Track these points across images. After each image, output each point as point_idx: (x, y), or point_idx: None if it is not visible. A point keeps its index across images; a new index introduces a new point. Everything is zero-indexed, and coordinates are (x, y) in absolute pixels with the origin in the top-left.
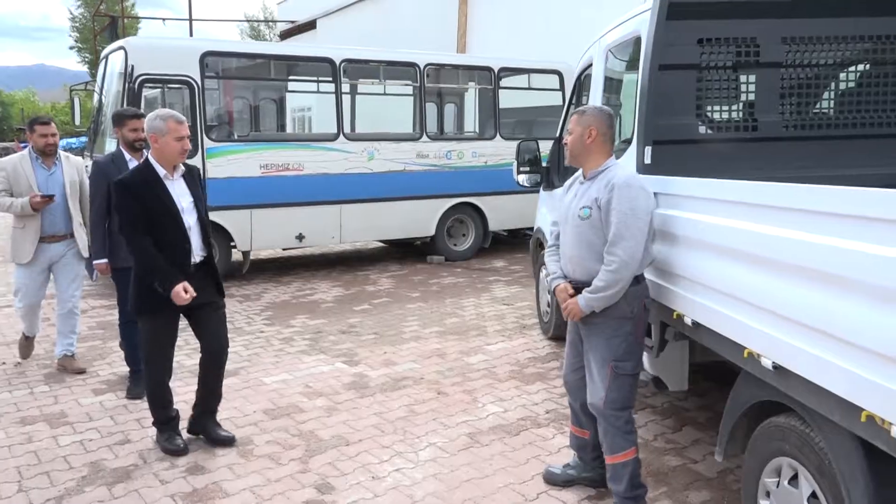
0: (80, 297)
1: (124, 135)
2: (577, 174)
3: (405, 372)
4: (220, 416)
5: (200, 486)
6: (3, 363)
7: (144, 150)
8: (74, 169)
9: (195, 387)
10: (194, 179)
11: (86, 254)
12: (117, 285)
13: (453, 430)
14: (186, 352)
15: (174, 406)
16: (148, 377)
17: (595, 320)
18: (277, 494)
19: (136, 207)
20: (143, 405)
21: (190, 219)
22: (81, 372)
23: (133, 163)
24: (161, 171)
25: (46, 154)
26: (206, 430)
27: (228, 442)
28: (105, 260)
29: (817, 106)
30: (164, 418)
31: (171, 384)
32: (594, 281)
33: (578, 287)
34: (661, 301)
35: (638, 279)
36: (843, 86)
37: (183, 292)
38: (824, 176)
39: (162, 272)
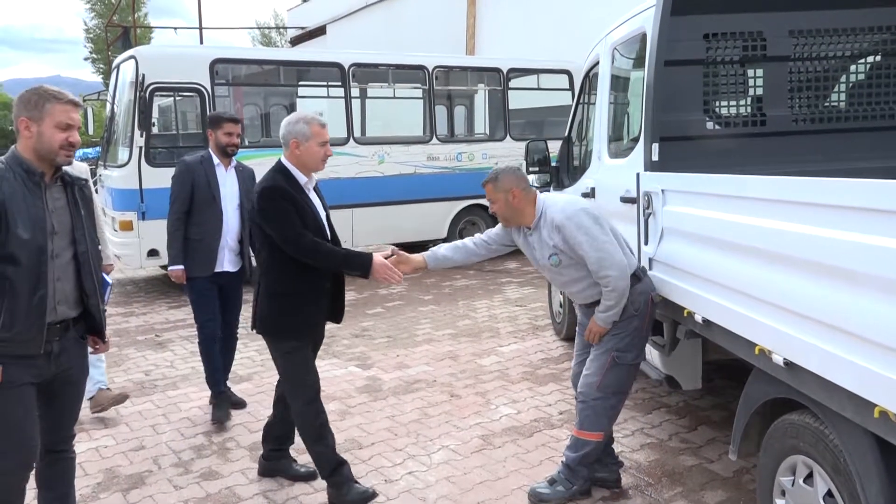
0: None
1: (219, 138)
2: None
3: (418, 375)
4: (235, 420)
5: (214, 491)
6: None
7: (233, 158)
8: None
9: (210, 392)
10: (318, 191)
11: (108, 269)
12: (192, 296)
13: (466, 432)
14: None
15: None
16: (303, 410)
17: None
18: (291, 499)
19: (296, 214)
20: (157, 411)
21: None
22: (124, 399)
23: (220, 168)
24: (302, 179)
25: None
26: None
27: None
28: (181, 266)
29: (827, 99)
30: (335, 461)
31: (188, 389)
32: (602, 302)
33: (587, 304)
34: (671, 299)
35: (638, 277)
36: (853, 78)
37: (387, 264)
38: (835, 169)
39: (354, 257)
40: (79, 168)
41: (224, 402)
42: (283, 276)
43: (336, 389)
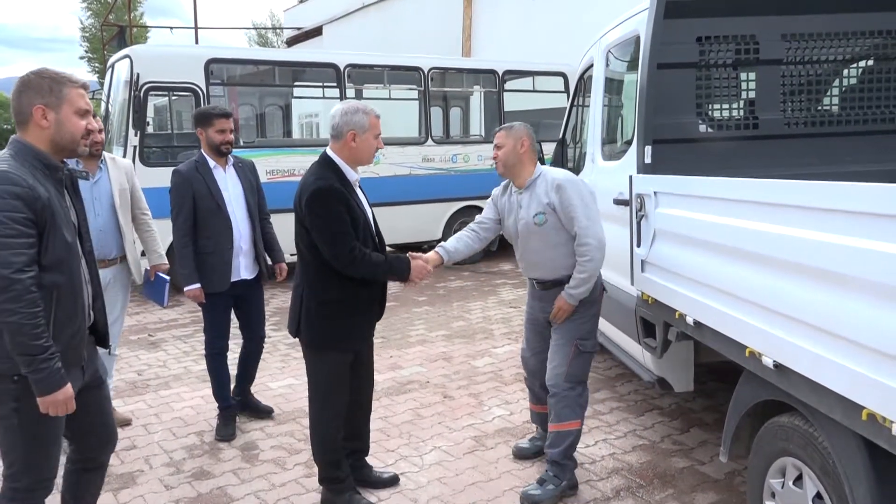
0: (119, 334)
1: (210, 136)
2: (509, 184)
3: (411, 376)
4: None
5: (206, 491)
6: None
7: (230, 157)
8: (123, 174)
9: (203, 392)
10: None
11: (139, 279)
12: (205, 312)
13: (458, 433)
14: (194, 357)
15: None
16: (324, 424)
17: None
18: (282, 499)
19: (349, 222)
20: (149, 411)
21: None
22: (126, 424)
23: (218, 170)
24: (352, 176)
25: (91, 156)
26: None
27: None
28: (198, 285)
29: (820, 103)
30: (340, 477)
31: (180, 389)
32: (575, 274)
33: (546, 283)
34: (662, 301)
35: None
36: (846, 82)
37: (421, 263)
38: (828, 173)
39: (396, 263)
40: (122, 164)
41: (230, 419)
42: (334, 280)
43: None
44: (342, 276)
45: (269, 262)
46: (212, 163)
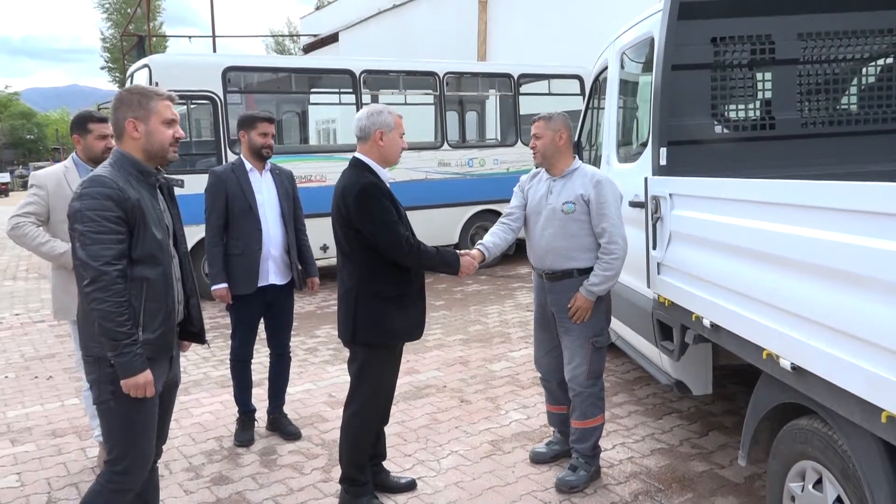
0: None
1: (253, 139)
2: (539, 172)
3: (428, 380)
4: None
5: (224, 496)
6: (36, 377)
7: (268, 161)
8: None
9: (223, 397)
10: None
11: None
12: (233, 316)
13: (476, 437)
14: (213, 363)
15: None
16: (361, 426)
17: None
18: None
19: (394, 209)
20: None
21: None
22: None
23: (254, 173)
24: (385, 175)
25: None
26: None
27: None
28: (224, 285)
29: (838, 102)
30: (361, 480)
31: (199, 395)
32: (599, 271)
33: (555, 274)
34: (679, 303)
35: None
36: (865, 80)
37: (468, 258)
38: (846, 173)
39: (447, 255)
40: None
41: (250, 424)
42: (388, 277)
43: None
44: (395, 270)
45: (303, 271)
46: (248, 165)
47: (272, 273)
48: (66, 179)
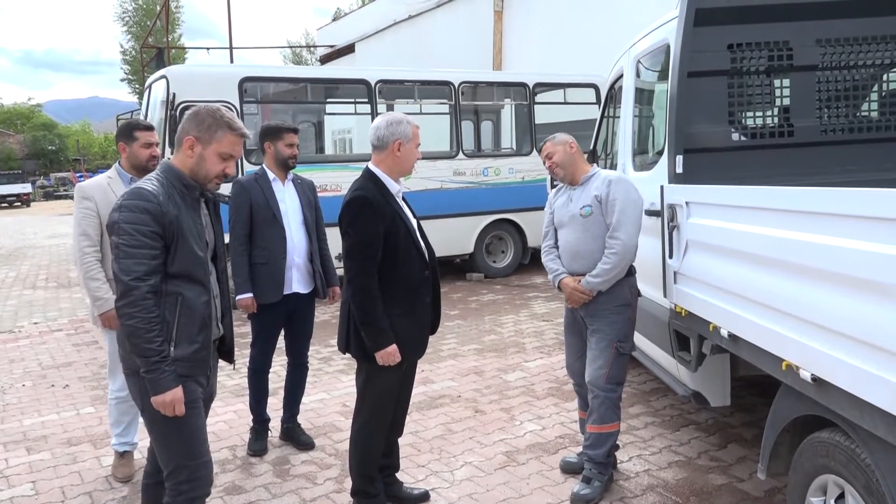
0: None
1: (279, 150)
2: (561, 186)
3: (442, 390)
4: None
5: None
6: (52, 385)
7: (291, 171)
8: None
9: (236, 406)
10: (406, 201)
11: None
12: (254, 324)
13: (490, 448)
14: (227, 372)
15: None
16: (367, 438)
17: (602, 308)
18: None
19: (379, 233)
20: None
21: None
22: (128, 480)
23: (277, 182)
24: (394, 188)
25: (144, 170)
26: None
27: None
28: (250, 294)
29: (858, 109)
30: (372, 492)
31: (213, 404)
32: (599, 266)
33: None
34: (696, 313)
35: (630, 270)
36: (885, 87)
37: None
38: (867, 180)
39: (381, 329)
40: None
41: (263, 434)
42: (384, 293)
43: None
44: (391, 287)
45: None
46: (271, 175)
47: (296, 281)
48: (112, 189)
